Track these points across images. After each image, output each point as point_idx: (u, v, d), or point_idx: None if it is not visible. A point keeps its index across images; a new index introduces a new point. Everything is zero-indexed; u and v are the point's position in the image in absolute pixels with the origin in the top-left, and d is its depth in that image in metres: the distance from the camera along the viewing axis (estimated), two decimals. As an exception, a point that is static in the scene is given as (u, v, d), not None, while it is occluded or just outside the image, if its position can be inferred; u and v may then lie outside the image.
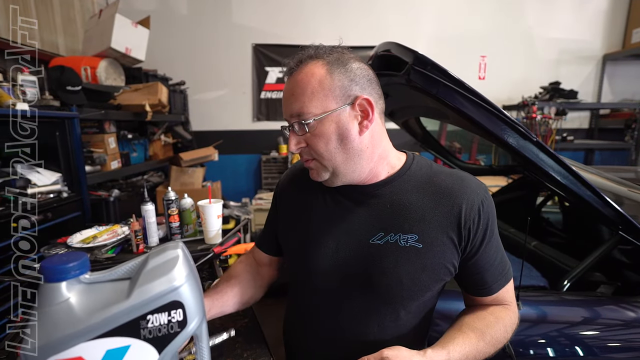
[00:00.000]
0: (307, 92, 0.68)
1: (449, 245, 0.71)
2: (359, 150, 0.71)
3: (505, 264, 0.77)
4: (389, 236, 0.72)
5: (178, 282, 0.44)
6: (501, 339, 0.74)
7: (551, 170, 1.24)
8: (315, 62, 0.71)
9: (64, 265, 0.42)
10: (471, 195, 0.72)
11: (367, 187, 0.76)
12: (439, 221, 0.71)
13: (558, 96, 4.13)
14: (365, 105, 0.69)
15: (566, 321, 1.24)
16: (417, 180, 0.75)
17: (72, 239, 1.41)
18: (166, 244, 0.48)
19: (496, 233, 0.75)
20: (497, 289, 0.76)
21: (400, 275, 0.71)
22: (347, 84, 0.69)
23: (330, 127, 0.68)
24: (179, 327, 0.45)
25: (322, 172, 0.74)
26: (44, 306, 0.41)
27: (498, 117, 1.21)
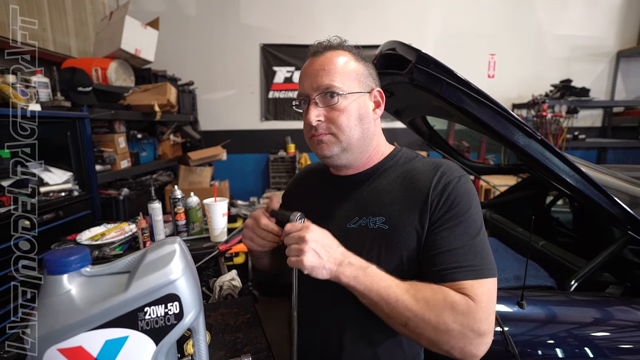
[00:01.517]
0: (338, 69, 0.76)
1: (413, 227, 0.73)
2: (371, 132, 0.80)
3: (474, 258, 0.68)
4: (362, 220, 0.78)
5: (174, 275, 0.45)
6: (434, 310, 0.64)
7: (556, 169, 1.22)
8: (341, 51, 0.80)
9: (66, 259, 0.43)
10: (440, 174, 0.75)
11: (358, 175, 0.84)
12: (407, 204, 0.75)
13: (569, 94, 4.06)
14: (378, 97, 0.81)
15: (574, 322, 1.22)
16: (398, 169, 0.82)
17: (81, 236, 1.45)
18: (164, 239, 0.49)
19: (467, 218, 0.71)
20: (452, 277, 0.67)
21: (368, 256, 0.74)
22: (367, 75, 0.80)
23: (353, 106, 0.77)
24: (175, 320, 0.46)
25: (334, 146, 0.78)
26: (46, 297, 0.42)
27: (501, 115, 1.20)
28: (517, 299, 1.23)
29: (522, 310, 1.20)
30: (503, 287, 1.53)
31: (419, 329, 0.65)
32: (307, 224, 0.71)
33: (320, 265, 0.67)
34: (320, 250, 0.68)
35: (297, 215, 0.73)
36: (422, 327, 0.65)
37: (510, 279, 1.58)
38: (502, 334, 1.16)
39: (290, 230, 0.70)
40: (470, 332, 0.63)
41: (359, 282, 0.67)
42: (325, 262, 0.68)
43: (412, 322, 0.65)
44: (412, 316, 0.65)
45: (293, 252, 0.68)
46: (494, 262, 0.73)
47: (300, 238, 0.68)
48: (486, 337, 0.65)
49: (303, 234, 0.68)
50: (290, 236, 0.70)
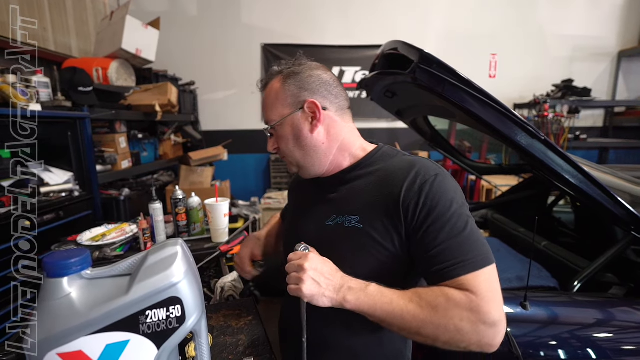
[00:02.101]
0: (268, 104, 0.84)
1: (389, 226, 0.74)
2: (313, 146, 0.82)
3: (467, 251, 0.68)
4: (339, 218, 0.80)
5: (176, 278, 0.44)
6: (441, 314, 0.64)
7: (560, 169, 1.21)
8: (275, 78, 0.84)
9: (66, 261, 0.43)
10: (414, 176, 0.74)
11: (332, 177, 0.86)
12: (381, 203, 0.75)
13: (571, 94, 4.05)
14: (312, 107, 0.80)
15: (578, 323, 1.21)
16: (375, 168, 0.82)
17: (81, 236, 1.44)
18: (166, 241, 0.48)
19: (451, 216, 0.70)
20: (450, 275, 0.67)
21: (343, 253, 0.77)
22: (296, 91, 0.81)
23: (287, 130, 0.82)
24: (177, 323, 0.45)
25: (292, 166, 0.88)
26: (46, 300, 0.42)
27: (505, 115, 1.19)
28: (521, 300, 1.22)
29: (525, 312, 1.19)
30: (506, 288, 1.51)
31: (432, 334, 0.65)
32: (306, 252, 0.73)
33: (319, 294, 0.68)
34: (319, 278, 0.69)
35: (301, 245, 0.76)
36: (434, 332, 0.65)
37: (513, 279, 1.57)
38: (505, 335, 1.15)
39: (291, 258, 0.73)
40: (481, 325, 0.63)
41: (362, 304, 0.68)
42: (325, 289, 0.69)
43: (423, 330, 0.65)
44: (422, 324, 0.65)
45: (293, 281, 0.70)
46: (489, 250, 0.71)
47: (299, 266, 0.70)
48: (499, 325, 0.64)
49: (302, 262, 0.70)
50: (290, 264, 0.72)
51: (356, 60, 4.34)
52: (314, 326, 0.75)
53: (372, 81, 1.67)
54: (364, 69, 4.36)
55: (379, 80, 1.61)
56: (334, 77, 0.86)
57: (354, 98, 4.46)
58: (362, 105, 4.47)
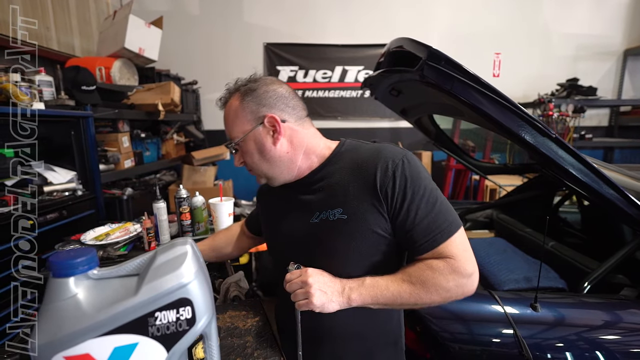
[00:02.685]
0: (229, 122, 0.87)
1: (371, 212, 0.79)
2: (277, 158, 0.85)
3: (441, 222, 0.77)
4: (322, 214, 0.83)
5: (186, 278, 0.43)
6: (430, 283, 0.75)
7: (571, 167, 1.19)
8: (234, 96, 0.87)
9: (72, 261, 0.41)
10: (385, 161, 0.79)
11: (304, 179, 0.89)
12: (359, 191, 0.80)
13: (576, 93, 4.01)
14: (272, 121, 0.83)
15: (589, 325, 1.19)
16: (345, 161, 0.86)
17: (85, 236, 1.43)
18: (175, 240, 0.47)
19: (423, 192, 0.78)
20: (430, 247, 0.77)
21: (335, 245, 0.82)
22: (255, 108, 0.84)
23: (251, 145, 0.85)
24: (187, 325, 0.43)
25: (260, 178, 0.91)
26: (52, 301, 0.40)
27: (515, 114, 1.17)
28: (531, 301, 1.20)
29: (535, 313, 1.17)
30: (513, 289, 1.50)
31: (428, 301, 0.77)
32: (304, 269, 0.78)
33: (328, 301, 0.75)
34: (324, 287, 0.75)
35: (294, 265, 0.80)
36: (429, 299, 0.76)
37: (520, 280, 1.55)
38: (515, 336, 1.13)
39: (290, 278, 0.77)
40: (462, 279, 0.76)
41: (365, 298, 0.76)
42: (331, 296, 0.75)
43: (420, 301, 0.77)
44: (418, 297, 0.76)
45: (300, 297, 0.75)
46: (455, 213, 0.81)
47: (303, 283, 0.75)
48: (474, 274, 0.78)
49: (304, 278, 0.75)
50: (292, 284, 0.77)
51: (359, 59, 4.32)
52: (312, 314, 0.78)
53: (378, 79, 1.65)
54: (367, 68, 4.34)
55: (385, 78, 1.59)
56: (289, 89, 0.89)
57: (357, 97, 4.45)
58: (365, 104, 4.45)
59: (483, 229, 2.47)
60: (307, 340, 0.86)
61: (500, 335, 1.17)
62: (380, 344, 0.92)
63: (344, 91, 4.42)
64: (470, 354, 1.18)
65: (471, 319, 1.23)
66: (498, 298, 1.22)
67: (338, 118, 4.46)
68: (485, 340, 1.19)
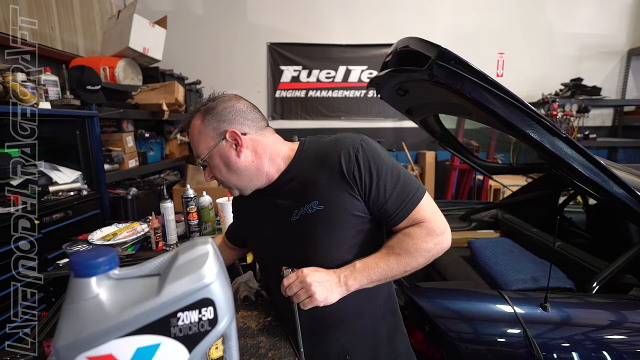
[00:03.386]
0: (194, 141, 0.91)
1: (346, 197, 0.84)
2: (244, 168, 0.89)
3: (408, 191, 0.84)
4: (301, 210, 0.87)
5: (209, 278, 0.42)
6: (413, 249, 0.82)
7: (581, 167, 1.19)
8: (195, 116, 0.91)
9: (94, 260, 0.40)
10: (345, 148, 0.85)
11: (276, 182, 0.92)
12: (329, 181, 0.85)
13: (580, 93, 4.00)
14: (233, 136, 0.87)
15: (598, 325, 1.18)
16: (309, 157, 0.90)
17: (92, 235, 1.43)
18: (195, 239, 0.46)
19: (386, 169, 0.84)
20: (404, 216, 0.84)
21: (319, 236, 0.86)
22: (216, 125, 0.88)
23: (217, 160, 0.89)
24: (209, 326, 0.43)
25: (232, 190, 0.95)
26: (74, 302, 0.40)
27: (525, 113, 1.16)
28: (540, 301, 1.20)
29: (546, 313, 1.17)
30: (521, 289, 1.49)
31: (415, 266, 0.84)
32: (298, 270, 0.82)
33: (329, 292, 0.80)
34: (323, 282, 0.80)
35: (287, 270, 0.84)
36: (417, 263, 0.84)
37: (527, 280, 1.54)
38: (525, 337, 1.12)
39: (289, 282, 0.81)
40: (438, 237, 0.84)
41: (361, 281, 0.82)
42: (331, 288, 0.80)
43: (409, 267, 0.84)
44: (406, 264, 0.83)
45: (302, 297, 0.79)
46: (417, 180, 0.88)
47: (301, 283, 0.79)
48: (447, 230, 0.86)
49: (302, 278, 0.79)
50: (291, 286, 0.80)
51: (362, 59, 4.32)
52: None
53: (384, 79, 1.65)
54: (371, 68, 4.34)
55: (392, 77, 1.58)
56: (247, 103, 0.94)
57: (360, 97, 4.44)
58: (369, 104, 4.45)
59: (488, 228, 2.46)
60: (312, 331, 0.91)
61: (510, 335, 1.17)
62: (380, 315, 0.97)
63: (347, 91, 4.41)
64: (480, 354, 1.17)
65: (481, 318, 1.22)
66: (508, 298, 1.22)
67: (342, 118, 4.45)
68: (494, 340, 1.18)
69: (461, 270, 1.77)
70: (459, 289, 1.33)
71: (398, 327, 1.02)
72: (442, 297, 1.26)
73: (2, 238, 1.49)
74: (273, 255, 0.97)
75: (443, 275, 1.76)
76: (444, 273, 1.77)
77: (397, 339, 1.01)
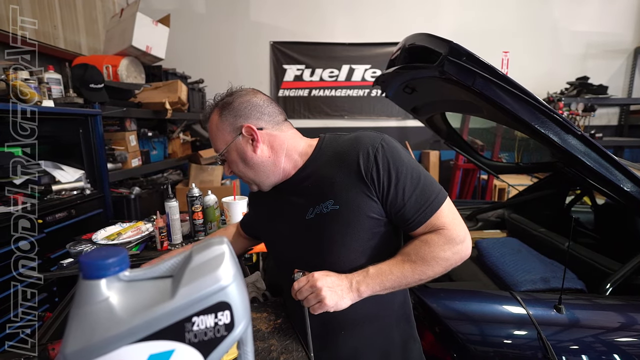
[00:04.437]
0: (212, 136, 0.91)
1: (362, 198, 0.82)
2: (260, 163, 0.88)
3: (428, 195, 0.81)
4: (316, 209, 0.85)
5: (225, 281, 0.40)
6: (429, 257, 0.79)
7: (597, 166, 1.16)
8: (213, 112, 0.91)
9: (104, 261, 0.38)
10: (365, 148, 0.82)
11: (292, 178, 0.91)
12: (346, 181, 0.83)
13: (586, 92, 3.96)
14: (249, 131, 0.86)
15: (614, 328, 1.16)
16: (327, 155, 0.88)
17: (96, 235, 1.41)
18: (210, 239, 0.44)
19: (406, 171, 0.81)
20: (422, 221, 0.81)
21: (333, 236, 0.84)
22: (232, 120, 0.87)
23: (234, 155, 0.89)
24: (225, 331, 0.40)
25: (251, 185, 0.94)
26: (83, 305, 0.37)
27: (539, 110, 1.14)
28: (554, 303, 1.17)
29: (560, 315, 1.14)
30: (530, 290, 1.47)
31: (431, 275, 0.81)
32: (309, 274, 0.80)
33: (340, 298, 0.77)
34: (334, 287, 0.78)
35: (299, 273, 0.82)
36: (433, 272, 0.80)
37: (537, 281, 1.52)
38: (539, 339, 1.10)
39: (299, 286, 0.79)
40: (457, 246, 0.80)
41: (374, 287, 0.79)
42: (342, 294, 0.78)
43: (424, 275, 0.80)
44: (421, 273, 0.80)
45: (312, 301, 0.77)
46: (439, 185, 0.84)
47: (312, 287, 0.77)
48: (467, 237, 0.82)
49: (313, 283, 0.77)
50: (301, 290, 0.78)
51: (366, 58, 4.29)
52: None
53: (391, 77, 1.62)
54: (374, 66, 4.31)
55: (399, 75, 1.55)
56: (264, 97, 0.92)
57: (363, 96, 4.41)
58: (372, 103, 4.42)
59: (495, 228, 2.43)
60: (323, 333, 0.89)
61: (523, 338, 1.14)
62: (393, 321, 0.94)
63: (350, 90, 4.38)
64: (491, 356, 1.15)
65: (493, 320, 1.20)
66: (520, 299, 1.19)
67: (345, 117, 4.43)
68: (507, 342, 1.15)
69: (468, 271, 1.75)
70: (470, 290, 1.30)
71: (411, 335, 1.00)
72: (453, 299, 1.24)
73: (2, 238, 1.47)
74: (286, 252, 0.95)
75: (449, 275, 1.74)
76: (450, 273, 1.74)
77: (410, 347, 0.98)
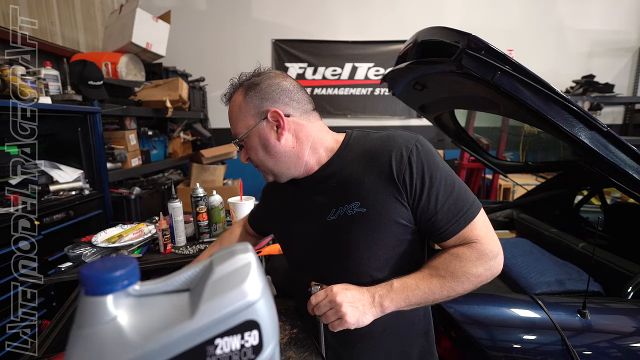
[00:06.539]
0: (233, 118, 0.84)
1: (392, 202, 0.76)
2: (282, 153, 0.82)
3: (462, 205, 0.75)
4: (339, 210, 0.79)
5: (253, 296, 0.34)
6: (460, 272, 0.73)
7: (623, 164, 1.10)
8: (237, 91, 0.84)
9: (110, 274, 0.32)
10: (398, 149, 0.76)
11: (315, 175, 0.84)
12: (376, 182, 0.76)
13: (592, 90, 3.92)
14: (275, 116, 0.79)
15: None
16: (355, 152, 0.82)
17: (96, 237, 1.34)
18: (233, 247, 0.38)
19: (441, 176, 0.75)
20: (454, 232, 0.75)
21: (357, 241, 0.78)
22: (258, 102, 0.80)
23: (255, 141, 0.82)
24: (253, 354, 0.35)
25: (267, 175, 0.87)
26: (86, 326, 0.31)
27: (563, 106, 1.08)
28: (576, 307, 1.12)
29: (585, 320, 1.09)
30: (545, 292, 1.42)
31: (460, 291, 0.75)
32: (328, 288, 0.74)
33: (361, 314, 0.71)
34: (355, 303, 0.71)
35: (317, 286, 0.77)
36: (462, 289, 0.74)
37: (552, 283, 1.47)
38: (563, 345, 1.04)
39: (317, 301, 0.73)
40: (490, 262, 0.74)
41: (398, 302, 0.73)
42: (363, 309, 0.72)
43: (454, 292, 0.74)
44: (450, 289, 0.74)
45: (332, 318, 0.71)
46: (473, 195, 0.78)
47: (331, 303, 0.71)
48: (499, 253, 0.76)
49: (332, 298, 0.71)
50: (320, 306, 0.72)
51: (369, 56, 4.23)
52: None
53: (401, 73, 1.56)
54: (377, 65, 4.25)
55: (410, 71, 1.50)
56: (294, 82, 0.85)
57: (367, 95, 4.35)
58: (375, 102, 4.36)
59: (503, 229, 2.39)
60: (336, 344, 0.85)
61: (546, 344, 1.09)
62: (412, 335, 0.89)
63: (353, 89, 4.33)
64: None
65: (513, 325, 1.14)
66: (542, 303, 1.14)
67: (348, 116, 4.37)
68: (528, 347, 1.10)
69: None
70: (488, 294, 1.25)
71: (429, 351, 0.94)
72: (471, 303, 1.18)
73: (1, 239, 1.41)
74: (302, 255, 0.90)
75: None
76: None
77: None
